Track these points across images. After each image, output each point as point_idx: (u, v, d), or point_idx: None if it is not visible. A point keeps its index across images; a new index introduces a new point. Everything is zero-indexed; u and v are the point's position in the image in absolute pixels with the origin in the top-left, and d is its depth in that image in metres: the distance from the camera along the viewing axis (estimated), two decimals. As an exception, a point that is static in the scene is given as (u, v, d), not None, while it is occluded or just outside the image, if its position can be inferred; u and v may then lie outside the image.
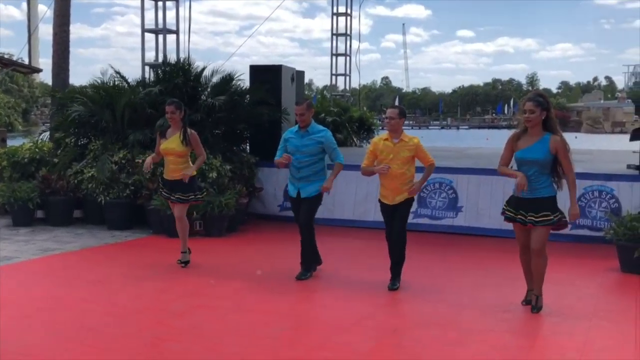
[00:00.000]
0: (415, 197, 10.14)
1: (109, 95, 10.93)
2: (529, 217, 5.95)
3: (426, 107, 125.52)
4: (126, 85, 11.44)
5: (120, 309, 6.19)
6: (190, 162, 7.86)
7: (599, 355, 5.08)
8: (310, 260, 7.38)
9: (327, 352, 5.06)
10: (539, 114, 5.86)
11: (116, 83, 11.37)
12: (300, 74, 13.26)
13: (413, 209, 10.31)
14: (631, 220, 7.88)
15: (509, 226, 6.40)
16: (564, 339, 5.45)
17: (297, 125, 7.34)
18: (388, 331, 5.73)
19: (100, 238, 9.67)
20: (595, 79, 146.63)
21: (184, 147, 7.60)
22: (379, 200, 6.94)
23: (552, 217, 5.94)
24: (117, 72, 11.46)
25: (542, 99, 5.94)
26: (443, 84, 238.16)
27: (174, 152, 7.61)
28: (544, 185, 5.95)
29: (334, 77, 22.85)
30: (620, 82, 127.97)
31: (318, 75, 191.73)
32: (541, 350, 5.26)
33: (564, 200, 6.07)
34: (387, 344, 5.38)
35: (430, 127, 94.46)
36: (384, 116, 6.88)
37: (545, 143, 5.88)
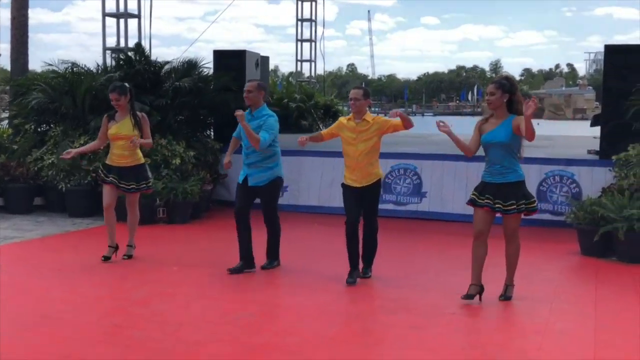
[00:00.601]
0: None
1: (68, 82, 10.73)
2: (496, 205, 5.86)
3: (392, 94, 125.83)
4: (86, 71, 11.23)
5: (80, 297, 6.09)
6: (140, 152, 7.52)
7: (559, 337, 5.15)
8: (276, 251, 7.20)
9: (292, 338, 5.05)
10: (499, 96, 5.78)
11: (75, 70, 11.15)
12: (265, 59, 13.17)
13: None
14: (591, 204, 7.99)
15: (472, 211, 6.36)
16: (526, 322, 5.52)
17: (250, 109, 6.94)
18: (353, 316, 5.74)
19: (61, 226, 9.52)
20: (557, 66, 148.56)
21: (135, 131, 7.26)
22: (344, 185, 6.67)
23: (521, 205, 5.84)
24: (72, 63, 11.24)
25: (505, 81, 5.88)
26: (408, 71, 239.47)
27: (125, 136, 7.23)
28: (512, 170, 5.85)
29: (299, 63, 22.76)
30: (582, 69, 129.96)
31: (284, 62, 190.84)
32: (504, 333, 5.32)
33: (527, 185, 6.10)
34: (352, 328, 5.39)
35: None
36: (350, 97, 6.55)
37: (508, 124, 5.80)
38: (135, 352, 4.71)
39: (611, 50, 9.99)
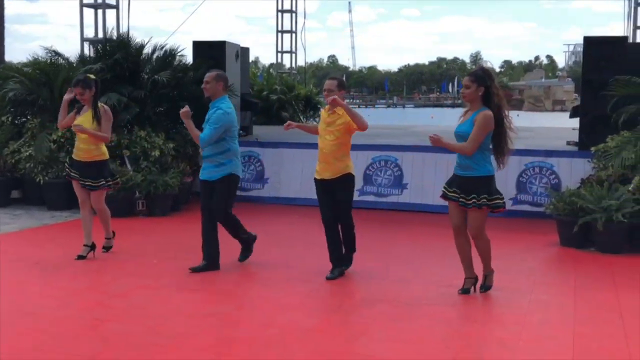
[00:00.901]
0: (361, 175, 10.28)
1: (45, 73, 10.60)
2: (460, 198, 5.78)
3: (373, 86, 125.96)
4: (64, 62, 11.11)
5: (60, 291, 6.03)
6: (105, 147, 7.19)
7: (538, 329, 5.18)
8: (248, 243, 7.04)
9: (273, 330, 5.03)
10: (474, 89, 5.68)
11: (53, 60, 11.02)
12: (245, 50, 13.10)
13: (359, 186, 10.40)
14: (570, 195, 8.04)
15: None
16: (505, 313, 5.54)
17: (227, 97, 6.78)
18: (333, 308, 5.73)
19: (40, 219, 9.42)
20: (537, 58, 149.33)
21: (94, 124, 6.95)
22: (314, 179, 6.54)
23: (481, 200, 5.69)
24: (53, 51, 11.11)
25: (481, 72, 5.80)
26: (389, 63, 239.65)
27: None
28: (475, 164, 5.71)
29: (279, 55, 22.66)
30: (561, 61, 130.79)
31: (266, 53, 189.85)
32: (484, 324, 5.34)
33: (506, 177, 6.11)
34: (333, 321, 5.38)
35: (377, 106, 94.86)
36: (324, 89, 6.41)
37: (472, 117, 5.71)
38: (115, 346, 4.67)
39: (590, 42, 10.05)
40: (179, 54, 11.30)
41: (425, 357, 4.58)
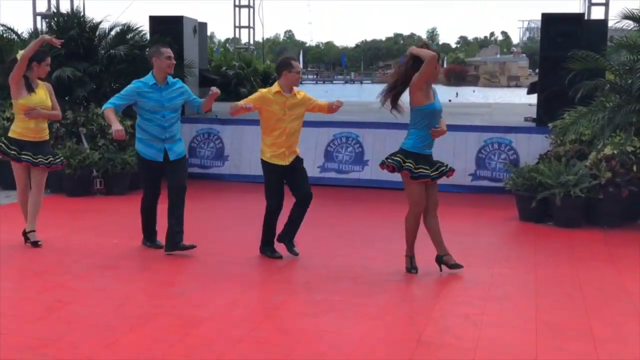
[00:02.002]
0: (322, 151, 10.28)
1: (-3, 48, 10.29)
2: (433, 173, 5.81)
3: (330, 62, 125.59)
4: (16, 37, 10.79)
5: (18, 272, 5.92)
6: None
7: (502, 302, 5.26)
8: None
9: (238, 310, 5.01)
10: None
11: (4, 35, 10.69)
12: (203, 25, 12.90)
13: (320, 163, 10.40)
14: (529, 171, 8.16)
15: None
16: (469, 287, 5.61)
17: (150, 77, 6.37)
18: (298, 286, 5.73)
19: (-6, 198, 9.20)
20: (492, 34, 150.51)
21: (49, 102, 6.67)
22: (268, 163, 6.31)
23: (445, 167, 5.91)
24: (6, 26, 10.78)
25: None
26: (346, 39, 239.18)
27: (44, 107, 6.61)
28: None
29: (237, 30, 22.40)
30: (516, 37, 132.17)
31: (221, 28, 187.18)
32: (448, 299, 5.40)
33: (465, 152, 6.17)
34: (298, 298, 5.38)
35: (334, 82, 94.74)
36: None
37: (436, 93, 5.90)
38: (78, 328, 4.58)
39: (548, 19, 10.15)
40: (136, 29, 11.06)
41: (391, 333, 4.62)
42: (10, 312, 4.88)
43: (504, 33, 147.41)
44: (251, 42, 22.65)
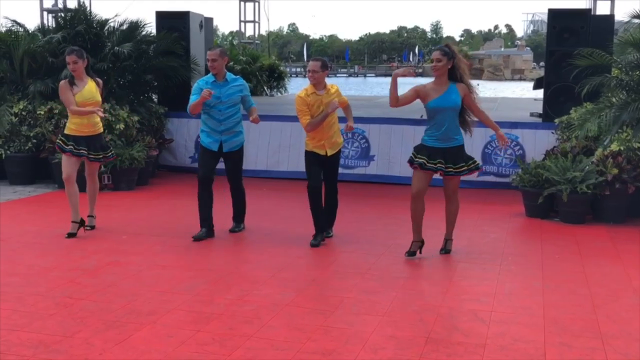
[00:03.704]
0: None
1: (4, 44, 10.32)
2: (448, 168, 6.11)
3: (333, 55, 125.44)
4: (24, 32, 10.81)
5: (28, 268, 5.94)
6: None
7: (509, 298, 5.30)
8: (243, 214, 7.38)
9: (248, 306, 5.05)
10: (445, 62, 6.02)
11: (13, 30, 10.72)
12: (209, 20, 12.90)
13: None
14: (535, 167, 8.17)
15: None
16: (477, 284, 5.64)
17: (210, 75, 6.94)
18: (307, 283, 5.76)
19: (2, 194, 9.23)
20: (496, 27, 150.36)
21: (100, 96, 7.10)
22: (310, 152, 6.73)
23: (470, 165, 6.23)
24: (14, 21, 10.81)
25: (447, 49, 6.12)
26: (350, 32, 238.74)
27: (94, 102, 6.95)
28: (458, 133, 6.19)
29: (242, 24, 22.39)
30: (520, 30, 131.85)
31: (225, 22, 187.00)
32: (456, 295, 5.42)
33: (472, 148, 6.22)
34: (307, 295, 5.41)
35: (338, 75, 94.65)
36: (308, 70, 6.70)
37: (454, 90, 6.08)
38: (90, 324, 4.63)
39: (554, 14, 10.13)
40: (144, 25, 11.09)
41: (399, 330, 4.64)
42: (21, 309, 4.93)
43: (508, 26, 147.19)
44: (256, 36, 22.65)
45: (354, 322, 4.74)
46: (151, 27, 11.32)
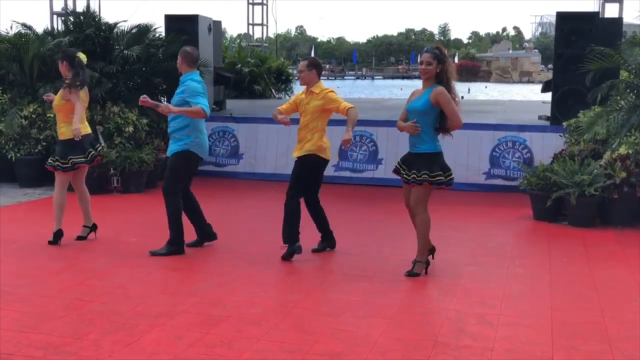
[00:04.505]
0: (336, 150, 10.32)
1: (15, 47, 10.39)
2: (411, 175, 5.80)
3: (341, 57, 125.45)
4: (34, 35, 10.88)
5: (37, 270, 5.99)
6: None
7: (517, 301, 5.30)
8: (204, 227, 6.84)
9: (255, 308, 5.07)
10: (435, 66, 5.71)
11: (23, 33, 10.79)
12: (217, 24, 12.96)
13: (334, 162, 10.44)
14: (543, 170, 8.17)
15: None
16: (484, 287, 5.64)
17: (197, 73, 6.78)
18: (314, 285, 5.78)
19: (12, 196, 9.29)
20: (504, 29, 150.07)
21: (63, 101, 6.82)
22: (322, 158, 6.47)
23: (422, 176, 5.73)
24: (24, 24, 10.89)
25: (438, 51, 5.78)
26: (357, 34, 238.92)
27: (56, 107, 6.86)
28: (425, 140, 5.77)
29: (250, 27, 22.45)
30: (528, 32, 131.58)
31: (233, 24, 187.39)
32: (463, 298, 5.42)
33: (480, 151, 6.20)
34: (314, 297, 5.43)
35: (345, 78, 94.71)
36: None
37: (427, 93, 5.76)
38: (99, 326, 4.66)
39: (562, 17, 10.14)
40: (154, 29, 11.14)
41: (407, 333, 4.66)
42: (31, 310, 4.97)
43: (516, 28, 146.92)
44: (264, 38, 22.70)
45: (362, 325, 4.75)
46: (160, 30, 11.38)
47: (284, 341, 4.45)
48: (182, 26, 11.42)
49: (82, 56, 6.92)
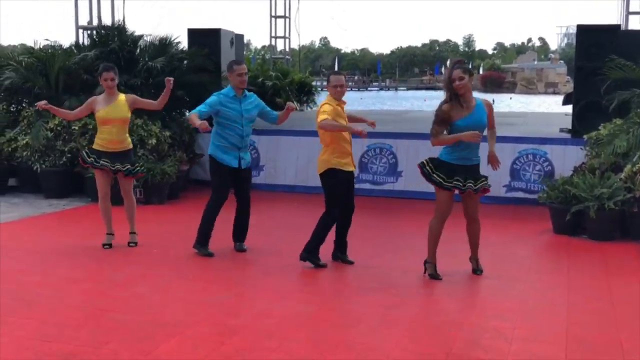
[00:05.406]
0: (357, 163, 10.35)
1: (41, 61, 10.61)
2: (467, 184, 5.97)
3: (365, 68, 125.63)
4: (59, 49, 11.11)
5: (59, 280, 6.11)
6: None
7: (533, 315, 5.30)
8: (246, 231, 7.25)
9: (271, 319, 5.13)
10: (467, 79, 5.91)
11: (49, 46, 11.03)
12: (240, 37, 13.11)
13: (355, 173, 10.49)
14: (563, 183, 8.14)
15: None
16: (500, 300, 5.65)
17: (229, 90, 6.92)
18: (330, 297, 5.83)
19: (37, 207, 9.47)
20: (529, 40, 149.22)
21: (130, 113, 7.28)
22: (338, 170, 6.49)
23: (487, 182, 6.16)
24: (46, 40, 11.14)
25: (467, 65, 6.13)
26: (381, 45, 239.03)
27: (122, 119, 7.16)
28: (477, 152, 6.11)
29: (273, 40, 22.60)
30: (554, 42, 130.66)
31: (257, 37, 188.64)
32: (479, 312, 5.44)
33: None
34: (329, 309, 5.48)
35: (369, 89, 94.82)
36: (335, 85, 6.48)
37: (481, 107, 6.04)
38: (118, 336, 4.75)
39: (583, 30, 10.12)
40: (177, 43, 11.33)
41: (421, 345, 4.69)
42: (51, 319, 5.08)
43: (541, 39, 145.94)
44: (287, 49, 22.83)
45: (376, 337, 4.79)
46: (183, 44, 11.55)
47: (298, 352, 4.50)
48: (205, 40, 11.58)
49: None
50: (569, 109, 11.07)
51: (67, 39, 11.41)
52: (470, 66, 6.13)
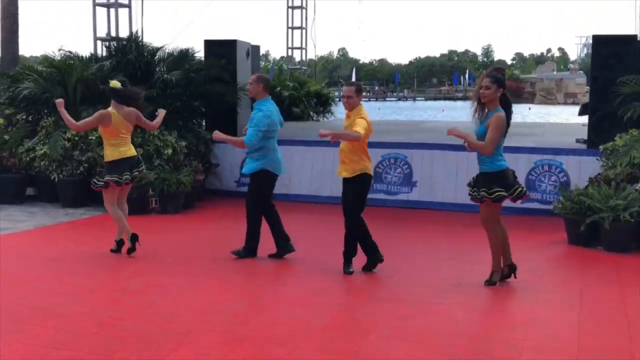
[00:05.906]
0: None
1: (59, 72, 10.75)
2: (481, 192, 6.09)
3: (383, 79, 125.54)
4: (77, 60, 11.25)
5: (74, 288, 6.17)
6: None
7: (544, 326, 5.27)
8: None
9: (282, 328, 5.15)
10: (494, 90, 5.91)
11: (68, 56, 11.16)
12: (256, 48, 13.20)
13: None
14: (578, 194, 8.10)
15: (462, 200, 6.55)
16: (512, 311, 5.64)
17: (269, 99, 7.27)
18: (342, 307, 5.84)
19: (55, 216, 9.57)
20: (548, 50, 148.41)
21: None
22: (369, 175, 6.74)
23: (481, 193, 6.07)
24: (68, 51, 11.28)
25: (501, 76, 6.02)
26: (400, 56, 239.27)
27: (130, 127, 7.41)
28: (484, 161, 6.10)
29: (290, 50, 22.73)
30: (573, 53, 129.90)
31: (274, 47, 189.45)
32: (490, 323, 5.43)
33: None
34: (341, 319, 5.49)
35: (387, 99, 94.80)
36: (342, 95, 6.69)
37: (487, 118, 6.02)
38: (129, 344, 4.79)
39: (599, 41, 10.08)
40: (193, 54, 11.42)
41: (432, 355, 4.68)
42: (64, 327, 5.13)
43: (560, 49, 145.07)
44: (304, 59, 22.94)
45: (386, 347, 4.79)
46: (200, 55, 11.65)
47: (308, 362, 4.51)
48: (221, 51, 11.67)
49: (114, 83, 7.29)
50: (586, 119, 11.02)
51: (85, 50, 11.64)
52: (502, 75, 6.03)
